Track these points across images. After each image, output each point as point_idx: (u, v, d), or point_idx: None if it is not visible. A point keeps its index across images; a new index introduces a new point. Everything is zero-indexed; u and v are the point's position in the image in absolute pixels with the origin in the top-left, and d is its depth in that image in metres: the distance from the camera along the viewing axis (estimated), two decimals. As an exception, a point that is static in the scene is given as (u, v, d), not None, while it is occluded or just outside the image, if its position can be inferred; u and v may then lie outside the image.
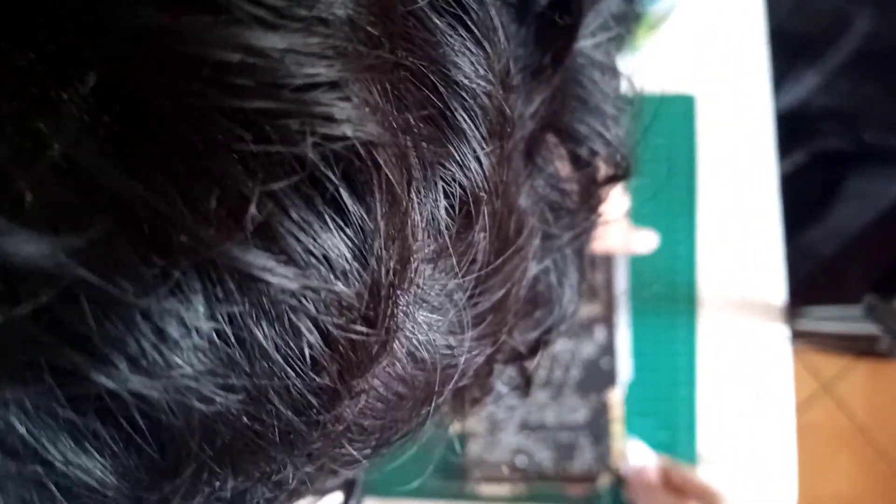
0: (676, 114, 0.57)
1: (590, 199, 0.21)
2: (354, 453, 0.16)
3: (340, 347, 0.13)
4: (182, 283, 0.11)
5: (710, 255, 0.55)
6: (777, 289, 0.54)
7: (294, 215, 0.12)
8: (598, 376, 0.54)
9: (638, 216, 0.55)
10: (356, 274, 0.13)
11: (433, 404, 0.18)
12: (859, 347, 0.99)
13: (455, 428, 0.55)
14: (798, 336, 0.56)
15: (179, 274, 0.11)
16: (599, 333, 0.55)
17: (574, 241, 0.21)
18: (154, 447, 0.12)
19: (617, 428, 0.53)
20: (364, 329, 0.13)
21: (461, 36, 0.14)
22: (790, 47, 0.70)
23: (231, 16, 0.11)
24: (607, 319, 0.55)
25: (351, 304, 0.13)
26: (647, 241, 0.53)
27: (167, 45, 0.11)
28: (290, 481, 0.16)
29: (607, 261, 0.56)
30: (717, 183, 0.56)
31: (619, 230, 0.53)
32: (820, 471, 1.15)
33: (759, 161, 0.56)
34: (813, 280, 0.75)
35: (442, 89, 0.14)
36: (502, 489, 0.54)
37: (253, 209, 0.11)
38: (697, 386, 0.53)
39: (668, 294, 0.55)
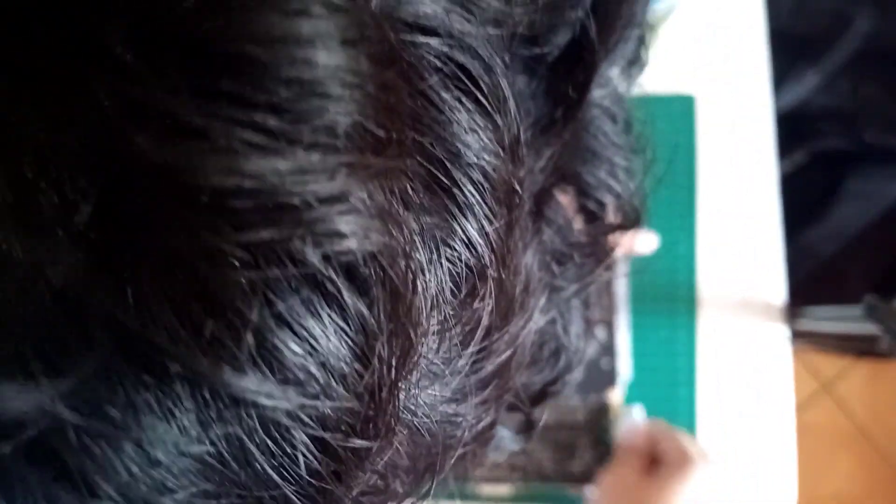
0: (676, 114, 0.57)
1: (598, 249, 0.20)
2: None
3: (339, 455, 0.13)
4: (173, 406, 0.11)
5: (710, 256, 0.55)
6: (777, 289, 0.54)
7: (294, 329, 0.11)
8: (599, 377, 0.54)
9: (638, 216, 0.56)
10: (356, 377, 0.12)
11: (436, 473, 0.18)
12: (859, 347, 0.99)
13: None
14: (798, 336, 0.56)
15: (171, 398, 0.11)
16: (599, 334, 0.55)
17: (581, 291, 0.21)
18: None
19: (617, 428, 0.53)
20: (364, 436, 0.13)
21: (469, 110, 0.14)
22: (790, 47, 0.70)
23: (226, 142, 0.11)
24: (607, 320, 0.55)
25: (350, 410, 0.13)
26: (646, 241, 0.53)
27: (162, 174, 0.11)
28: None
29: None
30: (716, 183, 0.56)
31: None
32: (820, 471, 1.15)
33: (759, 161, 0.56)
34: (813, 280, 0.75)
35: (450, 167, 0.13)
36: (502, 489, 0.54)
37: (250, 337, 0.11)
38: (697, 386, 0.54)
39: (669, 294, 0.55)
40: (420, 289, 0.13)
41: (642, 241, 0.53)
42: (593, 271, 0.21)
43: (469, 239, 0.14)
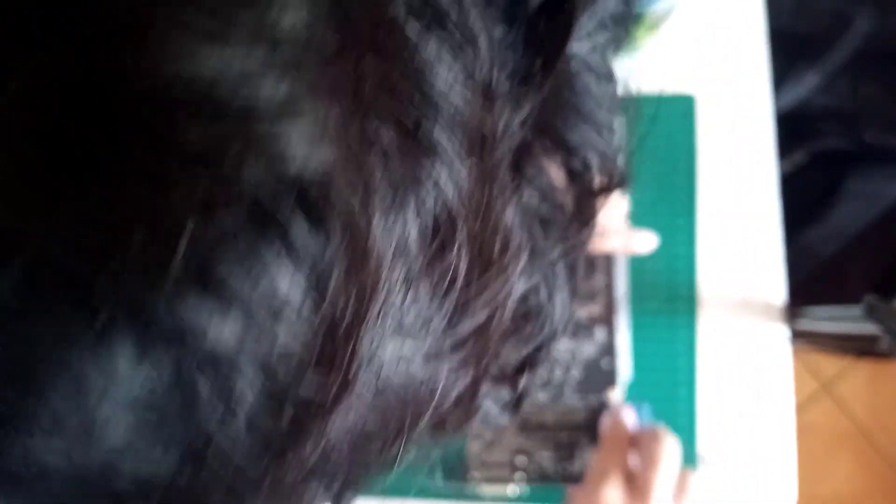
0: (676, 114, 0.57)
1: (583, 212, 0.20)
2: (319, 493, 0.15)
3: (291, 397, 0.12)
4: (107, 333, 0.10)
5: (710, 256, 0.55)
6: (777, 289, 0.54)
7: (235, 255, 0.10)
8: (599, 377, 0.54)
9: (638, 217, 0.56)
10: (309, 317, 0.11)
11: (408, 436, 0.17)
12: (859, 347, 0.99)
13: (455, 428, 0.55)
14: (798, 336, 0.56)
15: (103, 323, 0.10)
16: (599, 334, 0.55)
17: (565, 255, 0.20)
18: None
19: (617, 428, 0.53)
20: (317, 377, 0.12)
21: (438, 42, 0.13)
22: (790, 47, 0.70)
23: (160, 40, 0.10)
24: (607, 320, 0.55)
25: (303, 349, 0.12)
26: (646, 241, 0.53)
27: (90, 74, 0.10)
28: None
29: (607, 261, 0.56)
30: (717, 183, 0.56)
31: (619, 231, 0.53)
32: (820, 470, 1.15)
33: (759, 161, 0.56)
34: (813, 280, 0.75)
35: (417, 100, 0.13)
36: (503, 489, 0.54)
37: (182, 259, 0.10)
38: (697, 386, 0.54)
39: (669, 294, 0.55)
40: (380, 228, 0.12)
41: (642, 241, 0.53)
42: (578, 235, 0.20)
43: (437, 179, 0.13)
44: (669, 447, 0.46)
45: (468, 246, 0.15)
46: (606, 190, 0.20)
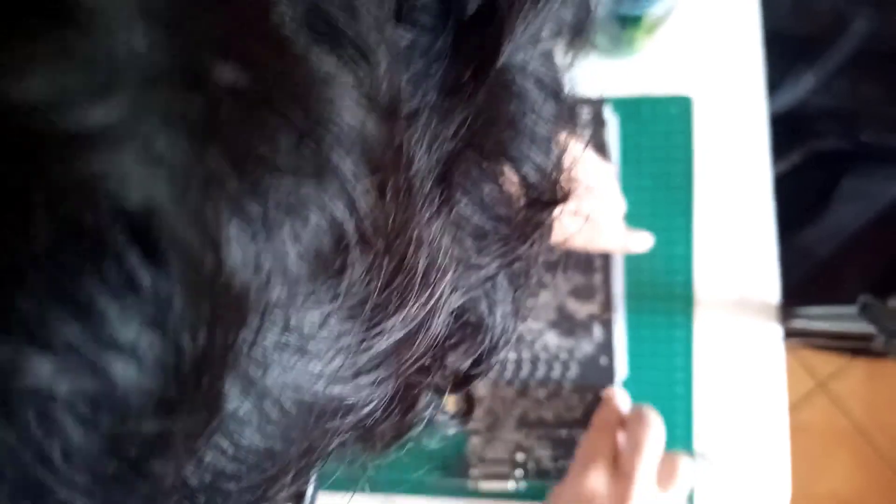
0: (674, 115, 0.58)
1: (525, 226, 0.19)
2: None
3: (128, 440, 0.11)
4: None
5: (706, 255, 0.56)
6: (773, 288, 0.55)
7: (40, 288, 0.10)
8: (596, 374, 0.55)
9: (636, 217, 0.56)
10: (145, 353, 0.11)
11: (315, 458, 0.16)
12: (855, 346, 1.00)
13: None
14: (794, 335, 0.56)
15: None
16: (597, 332, 0.55)
17: (505, 268, 0.19)
18: None
19: (614, 425, 0.54)
20: (156, 421, 0.11)
21: (325, 56, 0.12)
22: (789, 48, 0.71)
23: None
24: (605, 318, 0.55)
25: (139, 391, 0.11)
26: (643, 241, 0.54)
27: None
28: None
29: (604, 260, 0.56)
30: (713, 183, 0.56)
31: (615, 231, 0.54)
32: (816, 469, 1.16)
33: (755, 162, 0.57)
34: (809, 280, 0.76)
35: (298, 120, 0.12)
36: (502, 485, 0.55)
37: None
38: (694, 384, 0.54)
39: (666, 293, 0.56)
40: (238, 255, 0.11)
41: (639, 241, 0.54)
42: (518, 250, 0.19)
43: (322, 202, 0.12)
44: (654, 431, 0.46)
45: (377, 264, 0.14)
46: (549, 204, 0.19)
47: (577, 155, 0.20)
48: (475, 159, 0.17)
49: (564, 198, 0.19)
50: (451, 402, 0.23)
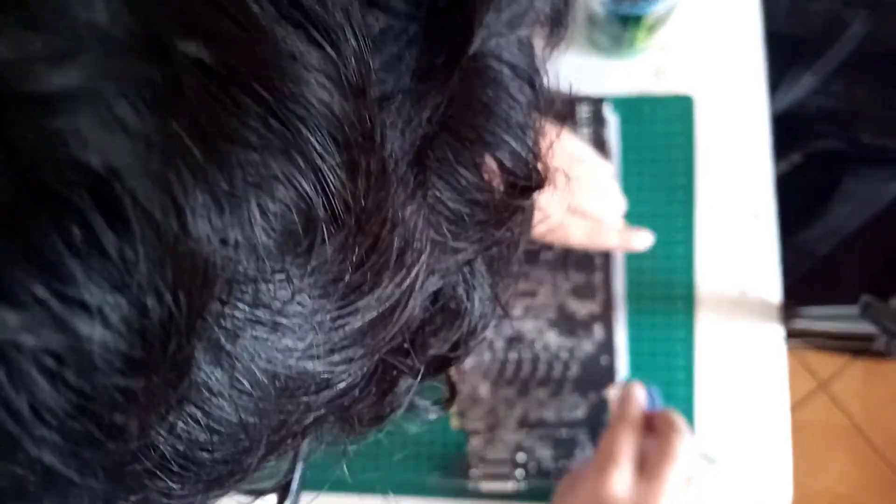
0: (675, 114, 0.58)
1: (502, 211, 0.19)
2: (180, 489, 0.15)
3: (95, 397, 0.11)
4: None
5: (707, 255, 0.56)
6: (774, 288, 0.55)
7: (8, 244, 0.10)
8: (597, 374, 0.55)
9: (637, 216, 0.56)
10: (110, 311, 0.11)
11: (289, 433, 0.17)
12: (855, 346, 1.00)
13: (455, 425, 0.56)
14: (794, 335, 0.56)
15: None
16: (598, 332, 0.55)
17: (483, 253, 0.19)
18: None
19: (616, 425, 0.54)
20: (123, 378, 0.12)
21: (290, 35, 0.12)
22: (787, 50, 0.71)
23: None
24: (605, 318, 0.55)
25: (105, 348, 0.11)
26: (643, 239, 0.54)
27: None
28: None
29: (605, 260, 0.56)
30: (714, 183, 0.56)
31: (616, 229, 0.54)
32: (816, 468, 1.16)
33: (756, 161, 0.57)
34: (809, 280, 0.76)
35: (265, 95, 0.12)
36: (503, 486, 0.54)
37: None
38: (695, 384, 0.54)
39: (667, 293, 0.56)
40: (200, 226, 0.12)
41: (639, 239, 0.54)
42: (494, 234, 0.19)
43: (289, 178, 0.12)
44: (687, 440, 0.45)
45: (349, 244, 0.14)
46: (525, 191, 0.19)
47: (558, 142, 0.20)
48: (450, 143, 0.17)
49: (541, 183, 0.20)
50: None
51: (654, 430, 0.47)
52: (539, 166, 0.19)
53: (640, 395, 0.49)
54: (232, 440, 0.15)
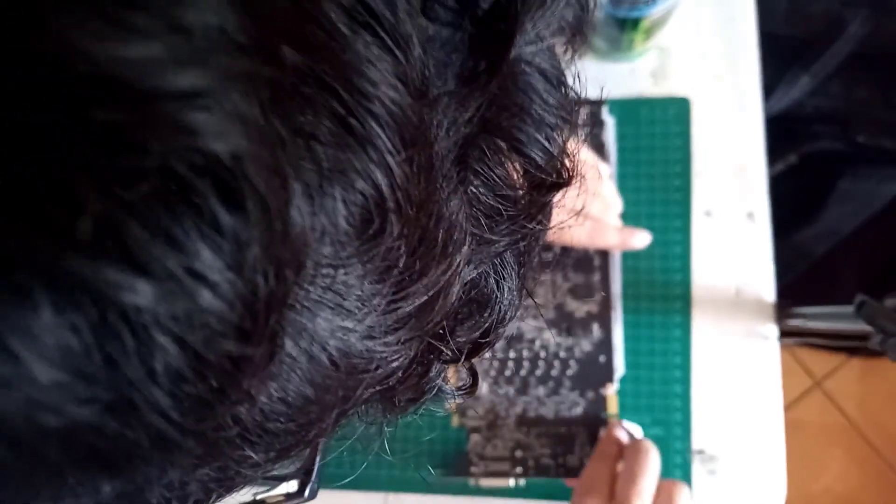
0: (672, 116, 0.58)
1: (531, 206, 0.20)
2: (256, 457, 0.16)
3: (210, 361, 0.13)
4: (26, 292, 0.11)
5: (703, 255, 0.56)
6: (769, 288, 0.56)
7: (146, 223, 0.11)
8: (595, 372, 0.55)
9: (633, 217, 0.57)
10: (227, 286, 0.12)
11: (348, 407, 0.18)
12: (851, 346, 1.00)
13: (455, 423, 0.56)
14: (790, 334, 0.57)
15: (21, 283, 0.11)
16: (596, 331, 0.56)
17: (512, 246, 0.21)
18: (10, 453, 0.12)
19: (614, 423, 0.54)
20: (235, 345, 0.13)
21: (368, 42, 0.14)
22: (785, 51, 0.71)
23: (75, 29, 0.11)
24: (603, 317, 0.56)
25: (221, 318, 0.12)
26: (641, 238, 0.55)
27: (5, 53, 0.10)
28: (185, 486, 0.15)
29: (603, 261, 0.57)
30: (710, 184, 0.57)
31: (615, 229, 0.55)
32: (813, 467, 1.16)
33: (752, 163, 0.57)
34: (805, 279, 0.76)
35: (345, 96, 0.13)
36: (502, 483, 0.55)
37: (89, 221, 0.11)
38: (692, 383, 0.55)
39: (663, 293, 0.56)
40: (300, 211, 0.13)
41: (637, 238, 0.54)
42: (526, 228, 0.20)
43: (364, 170, 0.14)
44: (650, 460, 0.48)
45: (405, 234, 0.15)
46: (554, 187, 0.21)
47: (577, 149, 0.22)
48: (488, 143, 0.18)
49: (569, 180, 0.21)
50: (453, 376, 0.24)
51: (626, 458, 0.50)
52: (567, 164, 0.21)
53: (621, 433, 0.53)
54: (304, 413, 0.16)
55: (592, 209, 0.55)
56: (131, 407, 0.12)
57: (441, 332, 0.20)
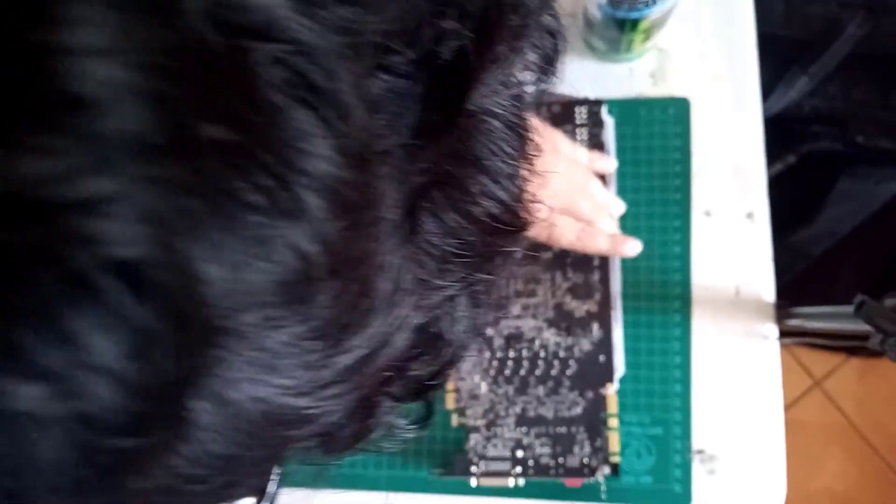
0: (671, 116, 0.58)
1: (483, 252, 0.20)
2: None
3: (103, 451, 0.13)
4: None
5: (703, 255, 0.56)
6: (768, 288, 0.56)
7: (43, 322, 0.11)
8: (595, 372, 0.56)
9: (633, 217, 0.57)
10: (126, 376, 0.12)
11: (279, 459, 0.18)
12: (850, 346, 1.00)
13: (455, 423, 0.56)
14: (789, 334, 0.57)
15: None
16: (596, 330, 0.56)
17: (465, 290, 0.20)
18: None
19: (614, 422, 0.55)
20: (129, 439, 0.13)
21: (305, 116, 0.13)
22: (784, 51, 0.72)
23: None
24: (603, 317, 0.56)
25: (116, 410, 0.12)
26: (632, 247, 0.55)
27: None
28: None
29: (602, 260, 0.57)
30: (709, 184, 0.57)
31: (606, 234, 0.55)
32: (812, 466, 1.17)
33: (751, 163, 0.57)
34: (804, 279, 0.76)
35: (276, 169, 0.13)
36: (502, 482, 0.55)
37: None
38: (692, 382, 0.55)
39: (663, 293, 0.56)
40: (214, 289, 0.13)
41: (629, 246, 0.55)
42: (478, 272, 0.20)
43: (291, 239, 0.14)
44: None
45: (342, 292, 0.15)
46: (508, 234, 0.20)
47: (545, 185, 0.21)
48: (442, 192, 0.18)
49: (524, 227, 0.21)
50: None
51: None
52: (522, 212, 0.20)
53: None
54: (223, 472, 0.16)
55: (583, 209, 0.54)
56: (15, 497, 0.12)
57: (388, 375, 0.20)
